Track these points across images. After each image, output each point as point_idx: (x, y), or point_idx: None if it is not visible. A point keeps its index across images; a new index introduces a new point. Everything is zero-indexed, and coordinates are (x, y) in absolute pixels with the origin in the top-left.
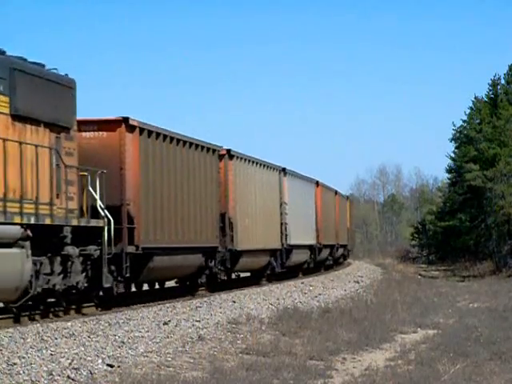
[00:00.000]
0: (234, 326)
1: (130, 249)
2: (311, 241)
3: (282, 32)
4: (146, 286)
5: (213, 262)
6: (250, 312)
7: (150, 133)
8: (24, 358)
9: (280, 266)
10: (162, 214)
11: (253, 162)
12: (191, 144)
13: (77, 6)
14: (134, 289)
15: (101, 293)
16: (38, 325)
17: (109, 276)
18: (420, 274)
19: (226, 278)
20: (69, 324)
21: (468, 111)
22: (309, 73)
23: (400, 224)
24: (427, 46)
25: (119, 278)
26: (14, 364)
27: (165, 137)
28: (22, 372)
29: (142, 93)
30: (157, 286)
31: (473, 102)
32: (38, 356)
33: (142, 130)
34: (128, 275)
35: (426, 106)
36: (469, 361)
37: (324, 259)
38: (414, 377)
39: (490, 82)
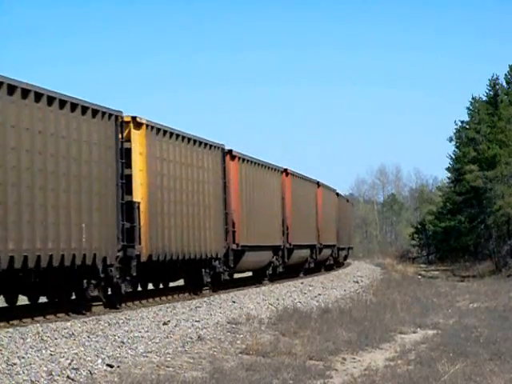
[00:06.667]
0: (233, 326)
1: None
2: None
3: (283, 34)
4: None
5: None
6: (249, 312)
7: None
8: (24, 358)
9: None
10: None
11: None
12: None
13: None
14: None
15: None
16: (38, 325)
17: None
18: (420, 274)
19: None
20: (68, 324)
21: (468, 112)
22: (309, 74)
23: (400, 224)
24: (427, 46)
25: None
26: (14, 364)
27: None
28: (21, 372)
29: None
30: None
31: (471, 102)
32: (37, 356)
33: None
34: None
35: (425, 106)
36: (469, 361)
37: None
38: (414, 377)
39: (489, 82)
